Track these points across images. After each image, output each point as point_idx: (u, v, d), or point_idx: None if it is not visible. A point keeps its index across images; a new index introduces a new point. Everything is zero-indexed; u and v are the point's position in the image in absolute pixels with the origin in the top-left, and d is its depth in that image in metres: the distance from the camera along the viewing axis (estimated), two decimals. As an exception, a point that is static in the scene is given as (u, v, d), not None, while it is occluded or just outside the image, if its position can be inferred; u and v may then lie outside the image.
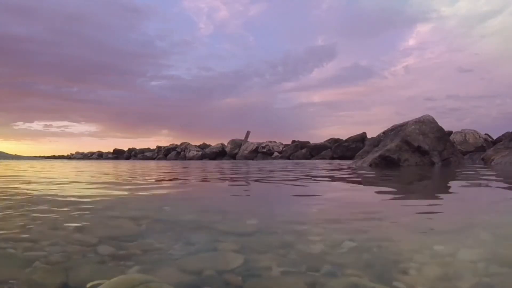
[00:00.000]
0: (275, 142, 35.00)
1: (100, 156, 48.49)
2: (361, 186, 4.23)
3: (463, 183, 4.16)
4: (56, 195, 2.91)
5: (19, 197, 2.80)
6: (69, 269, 1.07)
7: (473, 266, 1.06)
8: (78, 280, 0.99)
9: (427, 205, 2.50)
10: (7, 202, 2.50)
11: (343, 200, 2.84)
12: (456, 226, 1.67)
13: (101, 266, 1.11)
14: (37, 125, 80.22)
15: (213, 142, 39.13)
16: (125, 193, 3.18)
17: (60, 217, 1.87)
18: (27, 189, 3.45)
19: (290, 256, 1.19)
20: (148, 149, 45.21)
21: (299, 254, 1.21)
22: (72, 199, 2.68)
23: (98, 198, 2.77)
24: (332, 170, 7.85)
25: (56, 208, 2.15)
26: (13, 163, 18.03)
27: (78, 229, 1.59)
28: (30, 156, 57.57)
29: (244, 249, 1.26)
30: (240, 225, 1.74)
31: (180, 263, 1.13)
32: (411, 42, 73.87)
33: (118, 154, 45.89)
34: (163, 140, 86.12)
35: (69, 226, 1.66)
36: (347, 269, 1.05)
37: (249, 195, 3.37)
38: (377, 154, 10.69)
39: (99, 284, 0.84)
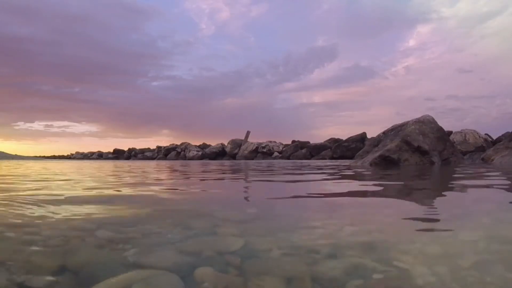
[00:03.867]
0: (275, 142, 35.03)
1: (100, 156, 48.48)
2: (360, 180, 4.22)
3: (463, 179, 4.16)
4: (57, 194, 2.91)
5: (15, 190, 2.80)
6: (68, 251, 1.07)
7: (474, 245, 1.06)
8: (76, 261, 0.98)
9: (428, 197, 2.50)
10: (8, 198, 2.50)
11: (342, 190, 2.83)
12: (457, 213, 1.67)
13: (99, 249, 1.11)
14: (37, 125, 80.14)
15: (213, 142, 39.20)
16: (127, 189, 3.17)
17: (61, 208, 1.87)
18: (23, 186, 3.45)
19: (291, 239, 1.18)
20: (148, 149, 45.23)
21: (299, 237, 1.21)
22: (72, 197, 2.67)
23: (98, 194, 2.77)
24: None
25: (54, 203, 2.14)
26: (12, 162, 18.04)
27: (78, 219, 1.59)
28: (30, 156, 57.62)
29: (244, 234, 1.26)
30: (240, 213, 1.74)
31: (179, 246, 1.13)
32: (412, 42, 74.22)
33: (118, 154, 45.90)
34: (163, 140, 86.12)
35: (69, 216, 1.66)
36: (348, 250, 1.04)
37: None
38: (377, 154, 10.69)
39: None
